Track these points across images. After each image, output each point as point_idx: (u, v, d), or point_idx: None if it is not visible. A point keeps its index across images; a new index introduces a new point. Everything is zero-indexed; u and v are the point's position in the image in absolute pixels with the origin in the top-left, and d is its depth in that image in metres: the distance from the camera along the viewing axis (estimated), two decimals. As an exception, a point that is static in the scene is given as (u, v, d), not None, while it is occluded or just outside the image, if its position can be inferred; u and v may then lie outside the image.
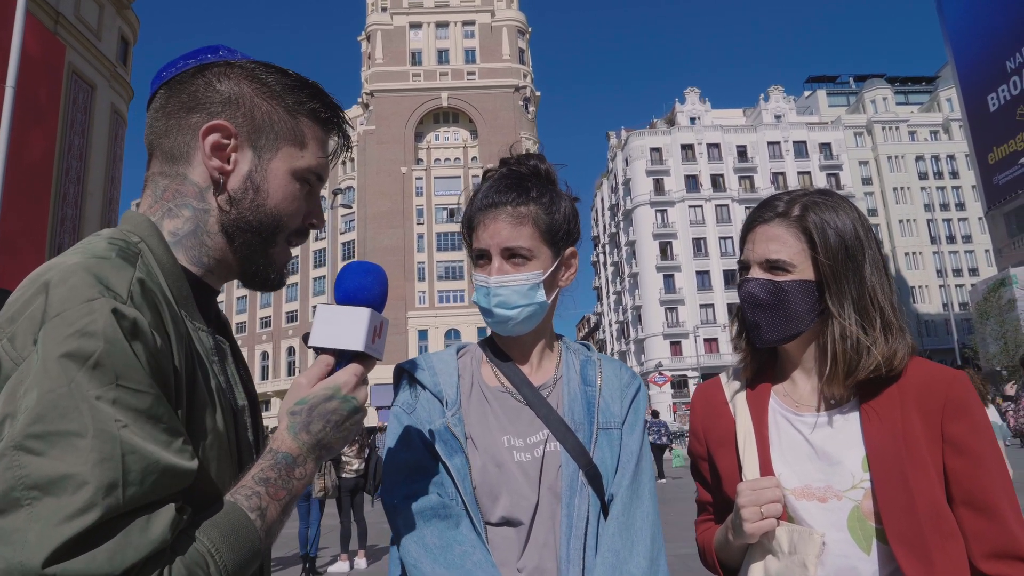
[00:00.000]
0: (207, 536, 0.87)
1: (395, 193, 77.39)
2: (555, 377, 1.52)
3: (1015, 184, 39.40)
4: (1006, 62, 38.87)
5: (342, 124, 1.15)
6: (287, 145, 1.07)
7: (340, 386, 1.06)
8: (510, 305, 1.45)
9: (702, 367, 64.29)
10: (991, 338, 41.72)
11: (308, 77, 1.12)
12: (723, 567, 1.50)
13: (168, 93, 1.06)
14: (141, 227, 1.01)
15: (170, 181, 1.06)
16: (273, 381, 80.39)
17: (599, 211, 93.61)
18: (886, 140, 75.30)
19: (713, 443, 1.52)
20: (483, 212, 1.48)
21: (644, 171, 74.84)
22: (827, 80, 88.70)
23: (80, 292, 0.84)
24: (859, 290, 1.36)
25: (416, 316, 73.83)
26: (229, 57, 1.09)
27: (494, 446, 1.41)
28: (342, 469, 9.58)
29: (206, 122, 1.03)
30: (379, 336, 1.14)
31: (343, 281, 1.14)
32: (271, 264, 1.12)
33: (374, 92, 79.76)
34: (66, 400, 0.78)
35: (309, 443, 1.01)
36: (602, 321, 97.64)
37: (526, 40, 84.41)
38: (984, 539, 1.27)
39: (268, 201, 1.06)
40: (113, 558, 0.76)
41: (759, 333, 1.41)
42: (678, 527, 9.50)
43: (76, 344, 0.80)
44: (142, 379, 0.83)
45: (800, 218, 1.39)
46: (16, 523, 0.74)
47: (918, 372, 1.36)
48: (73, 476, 0.75)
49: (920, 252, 71.94)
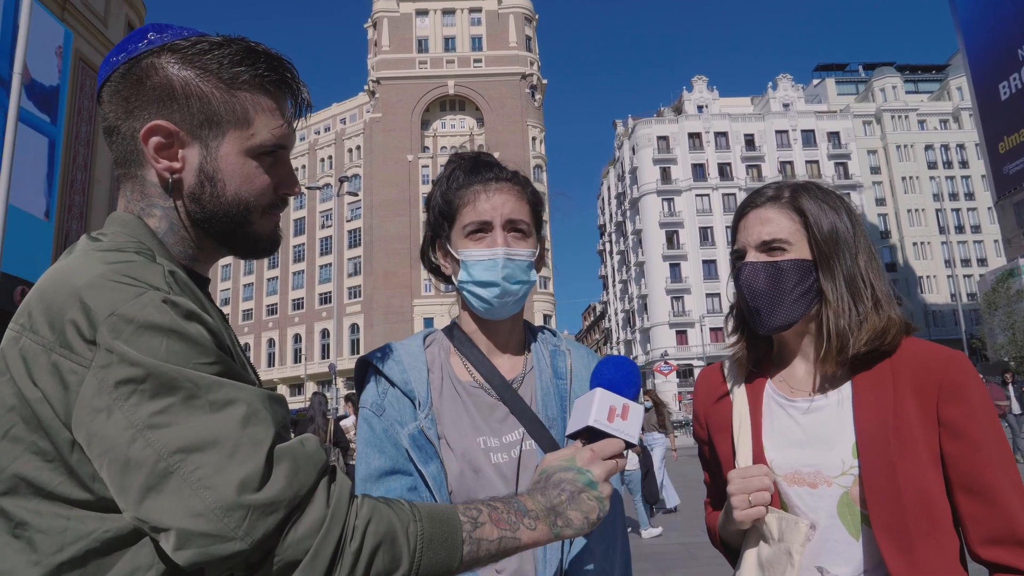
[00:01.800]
0: (416, 508, 0.92)
1: (401, 181, 77.31)
2: (524, 371, 1.49)
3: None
4: (1018, 50, 38.49)
5: (291, 84, 1.07)
6: (232, 128, 1.02)
7: (575, 458, 1.12)
8: (514, 280, 1.43)
9: (708, 356, 64.23)
10: (999, 329, 41.54)
11: (248, 39, 1.06)
12: (728, 548, 1.52)
13: (107, 98, 1.03)
14: (134, 227, 1.01)
15: (134, 183, 1.04)
16: (279, 368, 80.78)
17: (605, 200, 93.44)
18: (895, 129, 74.78)
19: (713, 428, 1.54)
20: (480, 184, 1.45)
21: (651, 160, 74.62)
22: (836, 68, 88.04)
23: (124, 292, 0.85)
24: (850, 268, 1.36)
25: (421, 304, 73.94)
26: (156, 42, 1.02)
27: (470, 449, 1.37)
28: (350, 456, 9.64)
29: (143, 126, 0.99)
30: (622, 417, 1.19)
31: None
32: (256, 239, 1.09)
33: (380, 80, 79.53)
34: (163, 378, 0.82)
35: (544, 504, 1.05)
36: (608, 310, 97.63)
37: (533, 27, 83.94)
38: (982, 524, 1.25)
39: (227, 190, 1.03)
40: (291, 480, 0.82)
41: (760, 319, 1.40)
42: (681, 516, 9.48)
43: (143, 338, 0.82)
44: (212, 353, 0.87)
45: (792, 199, 1.41)
46: (182, 488, 0.79)
47: (914, 353, 1.34)
48: (211, 429, 0.82)
49: (928, 242, 71.59)
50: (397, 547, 0.87)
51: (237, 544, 0.77)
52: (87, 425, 0.82)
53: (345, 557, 0.83)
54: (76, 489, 0.86)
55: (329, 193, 71.28)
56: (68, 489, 0.86)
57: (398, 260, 74.91)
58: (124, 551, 0.86)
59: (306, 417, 9.77)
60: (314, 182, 75.70)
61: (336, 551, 0.82)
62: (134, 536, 0.86)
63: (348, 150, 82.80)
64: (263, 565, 0.79)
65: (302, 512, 0.82)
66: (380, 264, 75.64)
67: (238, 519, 0.78)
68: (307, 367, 73.04)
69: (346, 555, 0.83)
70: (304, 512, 0.82)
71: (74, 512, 0.86)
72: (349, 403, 10.41)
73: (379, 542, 0.85)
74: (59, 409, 0.84)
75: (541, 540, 1.03)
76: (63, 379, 0.84)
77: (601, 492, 1.10)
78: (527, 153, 74.66)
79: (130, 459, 0.80)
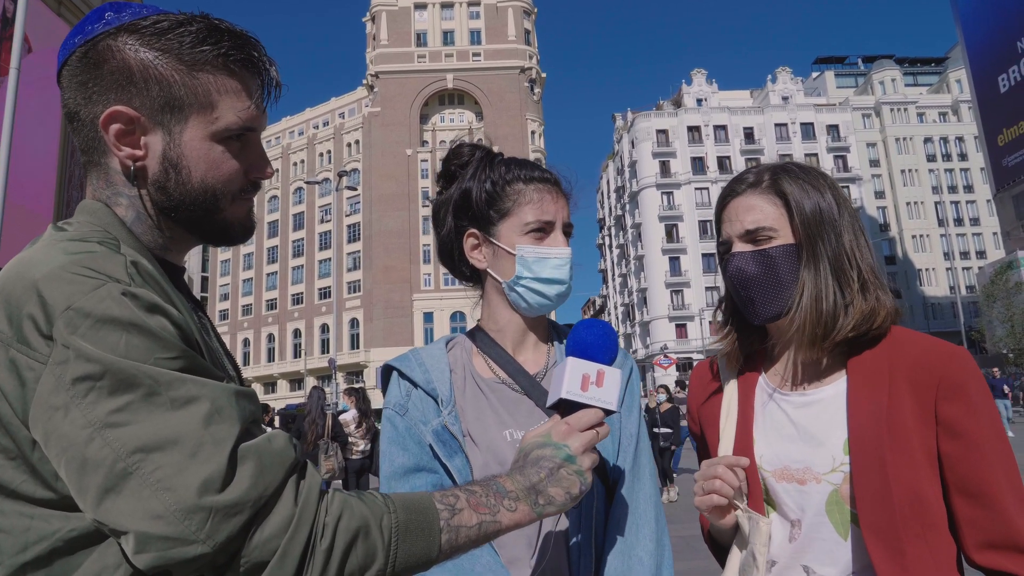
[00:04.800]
0: (390, 499, 0.90)
1: (400, 175, 77.20)
2: (548, 364, 1.50)
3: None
4: (1017, 43, 38.42)
5: (258, 63, 1.02)
6: (195, 112, 0.97)
7: (550, 433, 1.10)
8: (571, 279, 1.47)
9: (707, 349, 64.10)
10: (998, 321, 41.56)
11: (211, 16, 1.00)
12: (718, 546, 1.50)
13: (65, 83, 0.98)
14: (102, 216, 0.97)
15: (99, 171, 1.00)
16: (279, 363, 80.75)
17: (605, 193, 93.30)
18: (894, 122, 74.63)
19: (705, 423, 1.53)
20: (541, 183, 1.47)
21: (650, 153, 74.42)
22: (835, 61, 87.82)
23: (82, 284, 0.82)
24: (836, 250, 1.32)
25: (421, 299, 73.98)
26: (114, 22, 0.97)
27: (495, 442, 1.38)
28: (349, 451, 9.65)
29: (103, 112, 0.95)
30: (597, 384, 1.16)
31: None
32: (227, 225, 1.05)
33: (379, 74, 79.34)
34: (122, 374, 0.79)
35: (524, 484, 1.03)
36: (607, 304, 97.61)
37: (532, 21, 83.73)
38: (978, 528, 1.19)
39: (192, 177, 0.99)
40: (256, 480, 0.80)
41: (754, 309, 1.37)
42: (681, 508, 9.52)
43: (101, 333, 0.79)
44: (174, 348, 0.83)
45: (772, 184, 1.37)
46: (141, 489, 0.76)
47: (913, 347, 1.28)
48: (171, 428, 0.79)
49: (927, 235, 71.51)
50: (371, 541, 0.85)
51: (199, 547, 0.75)
52: (44, 423, 0.79)
53: (316, 556, 0.80)
54: (39, 488, 0.84)
55: (328, 188, 71.32)
56: (31, 488, 0.84)
57: (397, 255, 74.88)
58: (90, 551, 0.84)
59: (304, 412, 9.77)
60: (313, 177, 75.56)
61: (306, 550, 0.80)
62: (100, 535, 0.83)
63: (347, 144, 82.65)
64: (230, 567, 0.77)
65: (269, 512, 0.80)
66: (379, 259, 75.57)
67: (199, 521, 0.75)
68: (307, 362, 73.14)
69: (317, 553, 0.81)
70: (271, 512, 0.80)
71: (37, 511, 0.84)
72: (350, 397, 10.41)
73: (352, 538, 0.83)
74: (17, 407, 0.82)
75: (523, 521, 1.01)
76: (20, 375, 0.81)
77: (580, 465, 1.09)
78: (526, 147, 74.56)
79: (88, 459, 0.77)
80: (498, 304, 1.50)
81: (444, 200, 1.52)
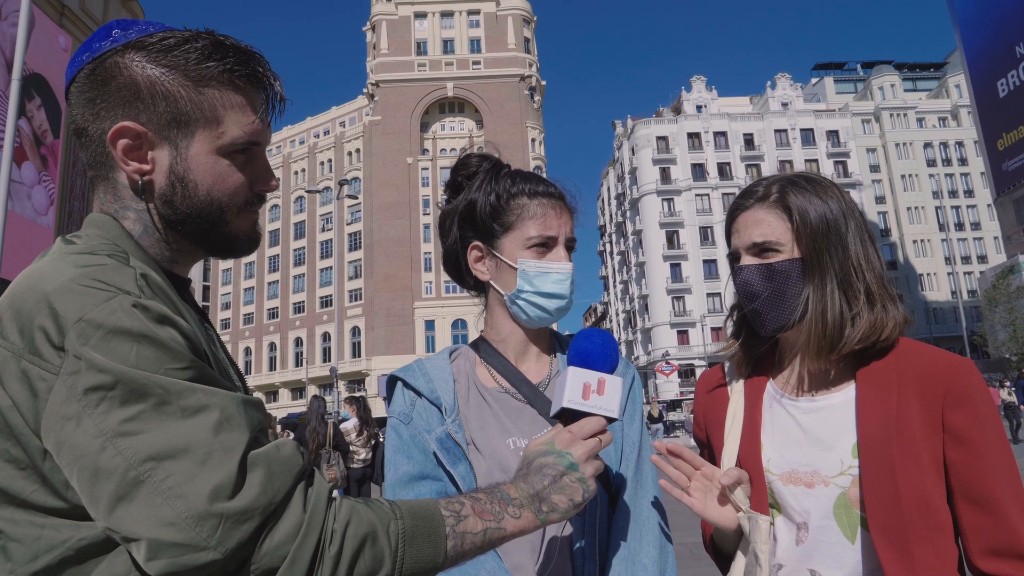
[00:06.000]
0: (396, 506, 0.92)
1: (401, 184, 77.24)
2: (551, 374, 1.51)
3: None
4: (1016, 47, 38.49)
5: (262, 78, 1.03)
6: (201, 127, 0.99)
7: (553, 441, 1.12)
8: (572, 293, 1.49)
9: (709, 356, 64.15)
10: (1000, 325, 41.53)
11: (216, 33, 1.02)
12: (720, 554, 1.50)
13: (74, 100, 1.00)
14: (110, 229, 0.99)
15: (106, 185, 1.02)
16: (281, 372, 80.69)
17: (605, 200, 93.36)
18: (894, 127, 74.73)
19: (711, 429, 1.53)
20: (546, 198, 1.48)
21: (650, 160, 74.51)
22: (834, 67, 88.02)
23: (93, 296, 0.83)
24: (842, 263, 1.33)
25: (423, 306, 73.91)
26: (121, 40, 0.98)
27: (498, 450, 1.39)
28: (350, 460, 9.63)
29: (110, 127, 0.96)
30: (599, 392, 1.17)
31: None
32: (233, 238, 1.06)
33: (379, 83, 79.49)
34: (133, 384, 0.80)
35: (527, 491, 1.05)
36: (609, 310, 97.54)
37: (531, 29, 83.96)
38: (982, 535, 1.22)
39: (198, 191, 1.00)
40: (266, 487, 0.81)
41: (762, 321, 1.39)
42: (684, 515, 9.43)
43: (112, 344, 0.81)
44: (184, 358, 0.85)
45: (780, 198, 1.39)
46: (153, 497, 0.77)
47: (920, 357, 1.31)
48: (182, 436, 0.80)
49: (928, 239, 71.49)
50: (378, 547, 0.86)
51: (210, 554, 0.76)
52: (56, 433, 0.80)
53: (325, 561, 0.82)
54: (50, 497, 0.85)
55: (329, 196, 71.21)
56: (42, 497, 0.85)
57: (399, 263, 74.88)
58: (100, 559, 0.85)
59: (306, 421, 9.76)
60: (314, 185, 75.54)
61: (315, 556, 0.81)
62: (109, 544, 0.84)
63: (348, 153, 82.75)
64: (240, 573, 0.79)
65: (278, 519, 0.81)
66: (381, 267, 75.56)
67: (210, 528, 0.76)
68: (308, 370, 73.01)
69: (326, 559, 0.82)
70: (280, 518, 0.81)
71: (48, 520, 0.85)
72: (351, 406, 10.40)
73: (360, 544, 0.84)
74: (29, 417, 0.83)
75: (527, 528, 1.02)
76: (32, 386, 0.82)
77: (583, 472, 1.10)
78: (527, 155, 74.65)
79: (100, 468, 0.78)
80: (501, 315, 1.51)
81: (450, 210, 1.54)
